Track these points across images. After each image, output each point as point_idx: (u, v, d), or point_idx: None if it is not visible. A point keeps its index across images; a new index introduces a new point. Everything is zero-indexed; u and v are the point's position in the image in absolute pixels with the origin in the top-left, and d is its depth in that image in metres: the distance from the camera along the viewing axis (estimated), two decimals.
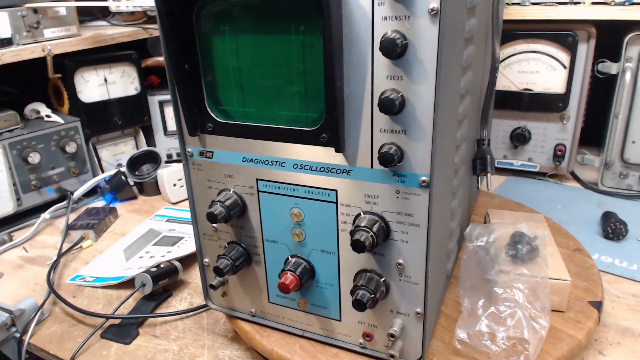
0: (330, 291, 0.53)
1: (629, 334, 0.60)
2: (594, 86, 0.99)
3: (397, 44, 0.39)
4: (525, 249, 0.59)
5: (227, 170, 0.52)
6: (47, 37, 0.95)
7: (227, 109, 0.51)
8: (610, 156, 0.95)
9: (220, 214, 0.51)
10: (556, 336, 0.54)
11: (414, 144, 0.43)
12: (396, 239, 0.47)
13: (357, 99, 0.44)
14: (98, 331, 0.64)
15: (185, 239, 0.84)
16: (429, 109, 0.41)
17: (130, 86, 1.09)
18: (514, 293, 0.54)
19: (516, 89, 1.00)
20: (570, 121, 0.98)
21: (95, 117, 1.04)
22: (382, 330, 0.51)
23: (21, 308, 0.66)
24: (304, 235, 0.51)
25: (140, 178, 1.05)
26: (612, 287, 0.69)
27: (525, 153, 1.04)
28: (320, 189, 0.49)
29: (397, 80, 0.42)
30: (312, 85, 0.46)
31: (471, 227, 0.60)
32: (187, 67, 0.49)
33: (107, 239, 0.89)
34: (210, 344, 0.62)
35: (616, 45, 0.91)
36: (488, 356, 0.51)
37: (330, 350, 0.54)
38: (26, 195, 0.94)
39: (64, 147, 0.97)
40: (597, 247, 0.78)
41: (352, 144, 0.46)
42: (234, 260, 0.54)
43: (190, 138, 0.53)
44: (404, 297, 0.49)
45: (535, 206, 0.87)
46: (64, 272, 0.79)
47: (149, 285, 0.68)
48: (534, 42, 0.96)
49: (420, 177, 0.44)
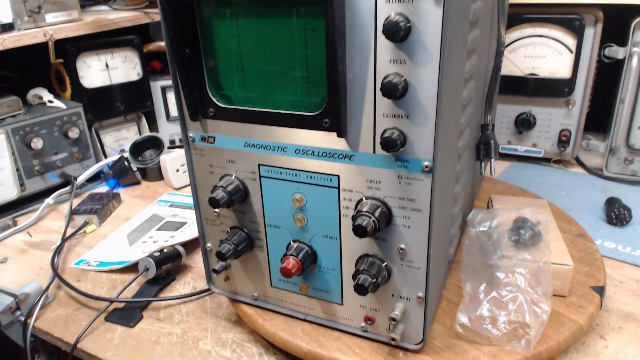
0: (332, 276, 0.53)
1: (631, 318, 0.60)
2: (600, 71, 0.98)
3: (400, 27, 0.39)
4: (528, 234, 0.59)
5: (229, 155, 0.52)
6: (48, 22, 0.95)
7: (228, 94, 0.50)
8: (616, 142, 0.94)
9: (222, 199, 0.51)
10: (558, 321, 0.55)
11: (416, 128, 0.43)
12: (398, 224, 0.47)
13: (359, 83, 0.43)
14: (102, 315, 0.65)
15: (188, 224, 0.84)
16: (432, 94, 0.41)
17: (132, 71, 1.08)
18: (516, 278, 0.54)
19: (521, 73, 0.98)
20: (576, 106, 0.97)
21: (97, 102, 1.04)
22: (384, 314, 0.51)
23: (26, 292, 0.66)
24: (306, 220, 0.51)
25: (143, 164, 1.05)
26: (615, 272, 0.69)
27: (529, 139, 1.03)
28: (322, 174, 0.49)
29: (400, 64, 0.41)
30: (314, 69, 0.45)
31: (474, 212, 0.60)
32: (188, 51, 0.49)
33: (110, 224, 0.90)
34: (214, 327, 0.62)
35: (623, 30, 0.90)
36: (489, 340, 0.52)
37: (332, 333, 0.55)
38: (30, 181, 0.95)
39: (67, 132, 0.97)
40: (601, 232, 0.78)
41: (354, 129, 0.45)
42: (237, 245, 0.54)
43: (191, 123, 0.53)
44: (405, 281, 0.49)
45: (539, 192, 0.86)
46: (68, 256, 0.80)
47: (152, 270, 0.68)
48: (540, 26, 0.95)
49: (423, 163, 0.44)
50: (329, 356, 0.52)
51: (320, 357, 0.52)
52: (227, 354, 0.58)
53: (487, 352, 0.51)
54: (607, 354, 0.55)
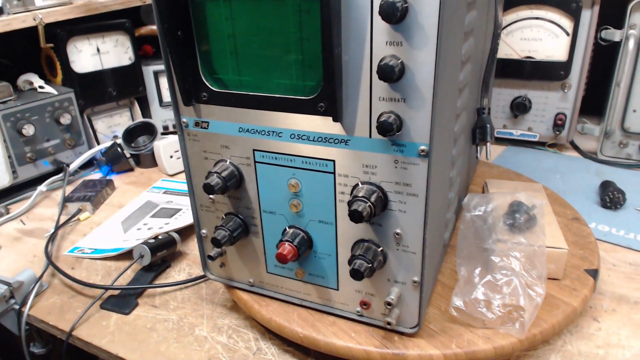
0: (328, 261, 0.53)
1: (624, 301, 0.61)
2: (596, 54, 0.97)
3: (397, 8, 0.38)
4: (523, 218, 0.59)
5: (224, 140, 0.52)
6: (38, 6, 0.93)
7: (222, 78, 0.49)
8: (611, 125, 0.94)
9: (217, 185, 0.50)
10: (552, 303, 0.55)
11: (413, 112, 0.42)
12: (394, 209, 0.47)
13: (355, 66, 0.43)
14: (97, 302, 0.65)
15: (183, 211, 0.84)
16: (429, 77, 0.40)
17: (124, 56, 1.07)
18: (511, 261, 0.54)
19: (518, 56, 0.98)
20: (572, 90, 0.97)
21: (89, 87, 1.03)
22: (380, 298, 0.52)
23: (20, 280, 0.66)
24: (301, 206, 0.51)
25: (136, 150, 1.04)
26: (609, 255, 0.70)
27: (525, 122, 1.03)
28: (318, 159, 0.48)
29: (397, 46, 0.40)
30: (309, 52, 0.44)
31: (469, 196, 0.60)
32: (181, 34, 0.48)
33: (104, 211, 0.89)
34: (210, 313, 0.62)
35: (620, 12, 0.89)
36: (484, 323, 0.52)
37: (328, 318, 0.55)
38: (22, 168, 0.94)
39: (59, 118, 0.96)
40: (595, 216, 0.79)
41: (350, 113, 0.45)
42: (232, 232, 0.54)
43: (185, 108, 0.52)
44: (401, 266, 0.49)
45: (535, 176, 0.87)
46: (61, 244, 0.79)
47: (147, 257, 0.68)
48: (537, 8, 0.94)
49: (419, 147, 0.43)
50: (325, 341, 0.52)
51: (317, 341, 0.52)
52: (223, 339, 0.58)
53: (482, 335, 0.51)
54: (601, 336, 0.56)
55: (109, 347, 0.58)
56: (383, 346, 0.50)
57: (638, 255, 0.69)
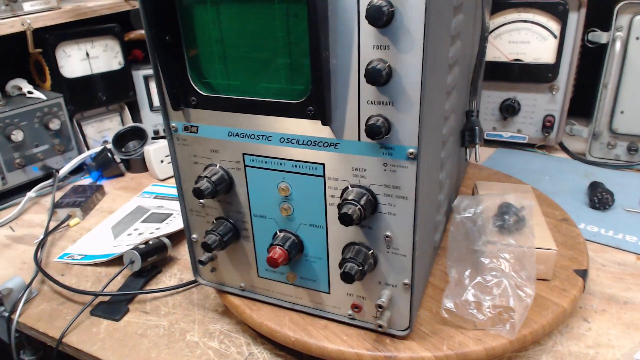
0: (319, 264, 0.53)
1: (614, 301, 0.62)
2: (583, 56, 0.98)
3: (383, 12, 0.38)
4: (512, 220, 0.59)
5: (213, 145, 0.52)
6: (26, 11, 0.92)
7: (210, 82, 0.49)
8: (599, 126, 0.95)
9: (206, 189, 0.50)
10: (541, 304, 0.55)
11: (401, 115, 0.42)
12: (384, 211, 0.47)
13: (343, 70, 0.43)
14: (87, 308, 0.64)
15: (174, 216, 0.84)
16: (416, 80, 0.41)
17: (114, 60, 1.06)
18: (500, 263, 0.55)
19: (506, 59, 0.99)
20: (560, 92, 0.98)
21: (78, 92, 1.02)
22: (371, 301, 0.52)
23: (9, 287, 0.65)
24: (292, 209, 0.51)
25: (126, 155, 1.04)
26: (598, 255, 0.70)
27: (514, 124, 1.04)
28: (308, 162, 0.48)
29: (384, 50, 0.41)
30: (297, 56, 0.44)
31: (459, 198, 0.60)
32: (168, 38, 0.48)
33: (94, 216, 0.89)
34: (201, 318, 0.62)
35: (607, 14, 0.90)
36: (474, 325, 0.52)
37: (320, 322, 0.55)
38: (11, 174, 0.93)
39: (48, 124, 0.95)
40: (584, 216, 0.79)
41: (338, 117, 0.45)
42: (222, 236, 0.54)
43: (174, 113, 0.52)
44: (392, 268, 0.49)
45: (524, 177, 0.87)
46: (51, 250, 0.79)
47: (137, 262, 0.67)
48: (524, 11, 0.95)
49: (407, 150, 0.43)
50: (316, 344, 0.52)
51: (308, 345, 0.52)
52: (215, 344, 0.58)
53: (473, 337, 0.51)
54: (591, 336, 0.56)
55: (99, 354, 0.57)
56: (375, 349, 0.50)
57: (627, 255, 0.70)
